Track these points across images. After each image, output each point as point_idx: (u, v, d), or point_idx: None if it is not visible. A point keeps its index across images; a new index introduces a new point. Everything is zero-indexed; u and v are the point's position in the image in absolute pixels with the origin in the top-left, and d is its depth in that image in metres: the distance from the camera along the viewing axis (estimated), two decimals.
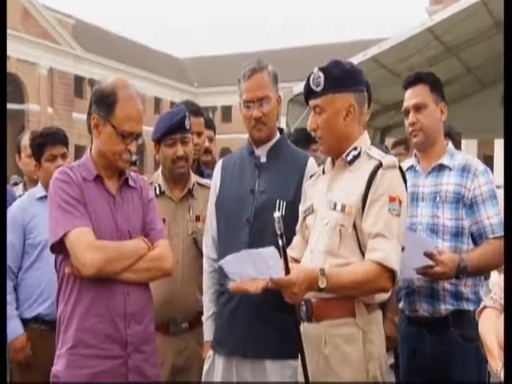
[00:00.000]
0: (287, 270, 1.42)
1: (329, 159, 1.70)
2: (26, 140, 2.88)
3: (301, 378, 1.62)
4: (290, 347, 1.72)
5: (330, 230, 1.58)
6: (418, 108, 1.96)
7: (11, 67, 23.23)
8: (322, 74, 1.60)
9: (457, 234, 1.89)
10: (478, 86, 7.61)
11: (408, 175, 2.01)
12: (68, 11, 27.33)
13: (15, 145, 3.13)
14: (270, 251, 1.41)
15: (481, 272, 1.92)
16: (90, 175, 1.68)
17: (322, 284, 1.46)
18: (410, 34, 6.52)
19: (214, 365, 1.90)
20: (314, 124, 1.64)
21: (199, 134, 2.37)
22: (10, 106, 22.91)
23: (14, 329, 2.30)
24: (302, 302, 1.61)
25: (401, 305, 2.00)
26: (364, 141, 1.65)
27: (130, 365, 1.63)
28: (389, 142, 10.81)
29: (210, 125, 2.71)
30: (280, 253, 1.42)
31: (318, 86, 1.60)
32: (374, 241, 1.52)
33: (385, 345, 1.64)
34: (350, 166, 1.62)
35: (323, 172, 1.72)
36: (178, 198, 2.14)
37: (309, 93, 1.63)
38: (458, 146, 3.00)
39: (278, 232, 1.42)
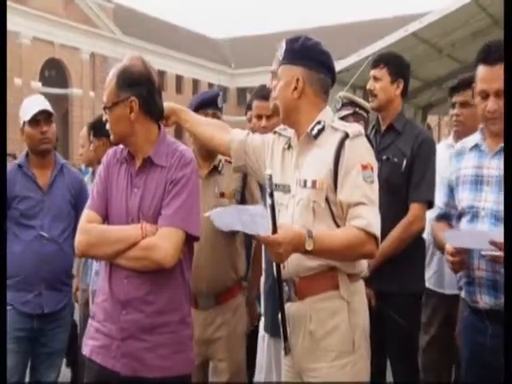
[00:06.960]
0: (274, 229, 1.40)
1: (293, 134, 1.67)
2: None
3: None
4: None
5: (302, 208, 1.57)
6: (499, 94, 1.71)
7: (55, 53, 23.87)
8: (284, 45, 1.65)
9: None
10: None
11: (471, 154, 1.83)
12: None
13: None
14: (258, 209, 1.40)
15: None
16: (122, 156, 1.71)
17: (309, 246, 1.43)
18: (455, 6, 6.25)
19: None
20: (274, 91, 1.69)
21: (268, 117, 2.32)
22: (54, 90, 23.61)
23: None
24: (284, 283, 1.59)
25: (462, 294, 1.85)
26: (327, 115, 1.65)
27: (124, 350, 1.59)
28: (431, 120, 10.45)
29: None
30: (269, 211, 1.41)
31: (280, 56, 1.66)
32: (355, 208, 1.51)
33: (368, 314, 1.62)
34: (316, 140, 1.60)
35: (289, 147, 1.68)
36: (204, 175, 2.13)
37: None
38: None
39: (268, 190, 1.41)
